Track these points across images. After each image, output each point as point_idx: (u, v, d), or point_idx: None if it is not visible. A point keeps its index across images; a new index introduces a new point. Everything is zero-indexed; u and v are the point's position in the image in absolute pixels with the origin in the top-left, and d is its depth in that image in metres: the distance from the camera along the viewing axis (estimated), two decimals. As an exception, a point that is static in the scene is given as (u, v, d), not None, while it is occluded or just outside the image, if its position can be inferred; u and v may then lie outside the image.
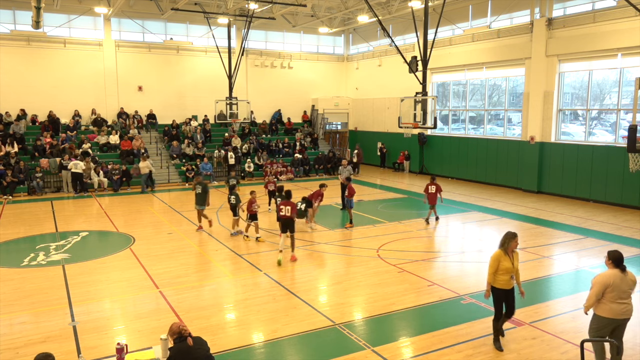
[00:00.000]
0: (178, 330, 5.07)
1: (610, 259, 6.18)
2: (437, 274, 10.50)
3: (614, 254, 6.17)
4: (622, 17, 16.85)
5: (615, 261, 6.11)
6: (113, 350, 5.68)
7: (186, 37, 27.41)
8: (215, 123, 27.06)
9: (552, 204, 18.09)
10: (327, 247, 12.61)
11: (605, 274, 6.10)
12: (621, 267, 6.08)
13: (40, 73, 24.17)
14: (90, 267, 11.08)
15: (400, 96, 20.51)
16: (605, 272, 6.16)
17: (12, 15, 23.56)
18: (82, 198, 19.69)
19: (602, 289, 6.00)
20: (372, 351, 7.04)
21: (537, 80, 19.82)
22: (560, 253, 12.02)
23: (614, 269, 6.10)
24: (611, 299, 5.99)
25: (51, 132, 23.12)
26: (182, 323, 5.25)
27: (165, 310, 8.54)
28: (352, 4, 24.53)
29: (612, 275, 6.03)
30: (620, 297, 6.00)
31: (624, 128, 16.83)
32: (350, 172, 17.72)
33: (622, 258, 6.13)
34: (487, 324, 7.91)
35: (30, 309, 8.63)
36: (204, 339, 5.22)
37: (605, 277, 6.04)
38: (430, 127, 19.24)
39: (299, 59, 30.79)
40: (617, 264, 6.10)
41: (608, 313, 6.02)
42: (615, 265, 6.10)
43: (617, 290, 5.99)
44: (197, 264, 11.28)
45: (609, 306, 6.00)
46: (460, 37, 23.44)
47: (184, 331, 5.06)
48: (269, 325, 7.94)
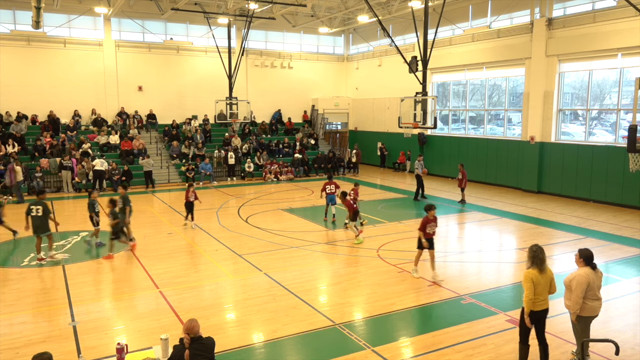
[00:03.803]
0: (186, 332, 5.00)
1: (581, 257, 6.24)
2: (437, 274, 10.49)
3: (585, 252, 6.25)
4: (622, 17, 16.85)
5: (587, 259, 6.21)
6: (113, 350, 5.68)
7: (186, 37, 27.42)
8: (215, 123, 27.07)
9: (552, 204, 18.09)
10: (327, 247, 12.61)
11: (581, 274, 6.14)
12: (592, 265, 6.19)
13: (40, 73, 24.17)
14: (90, 267, 11.08)
15: (400, 96, 20.52)
16: (579, 272, 6.19)
17: (12, 15, 23.56)
18: (83, 198, 19.67)
19: (584, 289, 6.07)
20: (372, 351, 7.04)
21: (537, 80, 19.82)
22: (560, 253, 12.02)
23: (585, 267, 6.18)
24: (590, 297, 6.12)
25: (51, 132, 23.12)
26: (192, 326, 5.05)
27: (165, 310, 8.54)
28: (352, 4, 24.53)
29: (587, 274, 6.13)
30: (595, 294, 6.16)
31: (624, 128, 16.84)
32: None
33: (592, 256, 6.23)
34: (487, 324, 7.93)
35: (30, 309, 8.63)
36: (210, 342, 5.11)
37: (583, 277, 6.11)
38: (430, 127, 19.25)
39: (299, 59, 30.79)
40: (588, 262, 6.20)
41: (589, 312, 6.18)
42: (586, 263, 6.20)
43: (595, 287, 6.14)
44: (197, 264, 11.27)
45: (589, 305, 6.14)
46: (460, 37, 23.44)
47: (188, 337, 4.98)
48: (269, 325, 7.94)
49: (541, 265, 6.11)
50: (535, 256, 6.12)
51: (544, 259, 6.14)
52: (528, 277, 6.07)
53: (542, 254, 6.14)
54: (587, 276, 6.09)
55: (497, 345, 7.23)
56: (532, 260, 6.15)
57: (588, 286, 6.06)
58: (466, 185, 18.27)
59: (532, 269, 6.13)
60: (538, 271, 6.10)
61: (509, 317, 8.15)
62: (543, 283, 6.10)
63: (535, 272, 6.09)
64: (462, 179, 18.10)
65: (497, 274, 10.66)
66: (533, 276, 6.07)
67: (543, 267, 6.13)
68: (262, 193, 20.76)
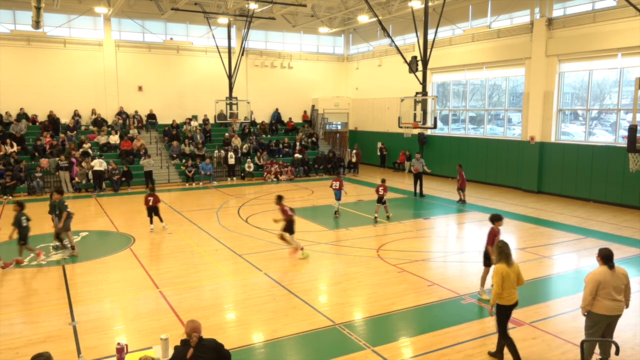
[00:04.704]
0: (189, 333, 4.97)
1: (599, 256, 6.33)
2: (437, 274, 10.49)
3: (604, 251, 6.32)
4: (622, 17, 16.84)
5: (604, 258, 6.26)
6: (113, 350, 5.69)
7: (186, 37, 27.41)
8: (215, 123, 27.07)
9: (552, 204, 18.09)
10: (327, 247, 12.61)
11: (595, 272, 6.25)
12: (609, 265, 6.20)
13: (40, 73, 24.17)
14: (90, 267, 11.08)
15: (400, 96, 20.52)
16: (595, 270, 6.31)
17: (12, 15, 23.56)
18: (83, 198, 19.68)
19: (595, 286, 6.13)
20: (372, 351, 7.04)
21: (537, 80, 19.82)
22: (560, 253, 12.02)
23: (602, 266, 6.25)
24: (604, 296, 6.13)
25: (51, 132, 23.12)
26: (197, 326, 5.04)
27: (165, 310, 8.54)
28: (352, 4, 24.53)
29: (602, 272, 6.18)
30: (612, 293, 6.13)
31: (624, 128, 16.83)
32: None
33: (610, 255, 6.26)
34: (487, 324, 7.92)
35: (30, 309, 8.63)
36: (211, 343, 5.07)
37: (596, 275, 6.19)
38: (430, 127, 19.25)
39: (299, 59, 30.79)
40: (605, 261, 6.24)
41: (602, 310, 6.16)
42: (603, 262, 6.25)
43: (609, 287, 6.12)
44: (197, 264, 11.27)
45: (603, 303, 6.14)
46: (460, 37, 23.44)
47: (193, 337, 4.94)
48: (269, 325, 7.94)
49: (508, 260, 6.50)
50: (502, 252, 6.54)
51: (509, 253, 6.55)
52: (498, 272, 6.46)
53: (507, 249, 6.56)
54: (601, 274, 6.15)
55: (497, 345, 7.22)
56: (499, 256, 6.56)
57: (600, 284, 6.10)
58: (464, 185, 18.29)
59: (500, 264, 6.52)
60: (506, 265, 6.48)
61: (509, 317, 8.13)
62: (512, 276, 6.49)
63: (504, 267, 6.47)
64: (459, 180, 18.15)
65: (497, 274, 10.65)
66: (503, 271, 6.44)
67: (510, 262, 6.52)
68: (262, 193, 20.75)
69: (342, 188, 16.04)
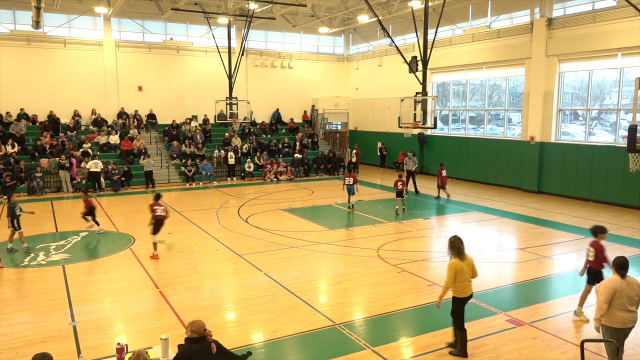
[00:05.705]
0: (202, 331, 4.89)
1: (613, 265, 6.10)
2: (437, 274, 10.48)
3: (617, 260, 6.05)
4: (622, 17, 16.84)
5: (617, 267, 6.00)
6: (113, 350, 5.69)
7: (186, 37, 27.41)
8: (215, 123, 27.07)
9: (552, 204, 18.09)
10: (327, 247, 12.61)
11: (611, 280, 6.00)
12: (621, 273, 5.94)
13: (40, 73, 24.17)
14: (90, 267, 11.09)
15: (400, 96, 20.52)
16: (609, 278, 6.08)
17: (12, 15, 23.56)
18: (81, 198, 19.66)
19: (610, 294, 5.84)
20: (372, 351, 7.04)
21: (537, 80, 19.82)
22: (560, 253, 12.02)
23: (616, 275, 5.99)
24: (618, 307, 5.85)
25: (51, 132, 23.11)
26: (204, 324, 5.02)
27: (165, 310, 8.54)
28: (352, 4, 24.53)
29: (617, 281, 5.92)
30: (626, 304, 5.87)
31: (624, 128, 16.83)
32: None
33: (624, 264, 5.98)
34: (487, 324, 7.92)
35: (30, 309, 8.63)
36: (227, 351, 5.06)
37: (610, 283, 5.93)
38: (430, 127, 19.26)
39: (299, 59, 30.79)
40: (617, 269, 5.98)
41: (619, 323, 5.87)
42: (616, 271, 5.99)
43: (624, 297, 5.85)
44: (197, 264, 11.27)
45: (616, 315, 5.86)
46: (460, 37, 23.44)
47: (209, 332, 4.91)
48: (269, 325, 7.94)
49: (461, 255, 6.72)
50: (453, 247, 6.74)
51: (461, 247, 6.73)
52: (452, 267, 6.68)
53: (459, 243, 6.74)
54: (614, 283, 5.90)
55: (497, 345, 7.23)
56: (451, 251, 6.76)
57: (615, 294, 5.83)
58: (445, 183, 18.89)
59: (454, 259, 6.73)
60: (459, 260, 6.70)
61: (509, 317, 8.15)
62: (466, 269, 6.73)
63: (457, 262, 6.69)
64: (439, 177, 18.83)
65: (497, 274, 10.65)
66: (456, 265, 6.66)
67: (463, 256, 6.74)
68: (262, 193, 20.76)
69: (356, 183, 16.97)
